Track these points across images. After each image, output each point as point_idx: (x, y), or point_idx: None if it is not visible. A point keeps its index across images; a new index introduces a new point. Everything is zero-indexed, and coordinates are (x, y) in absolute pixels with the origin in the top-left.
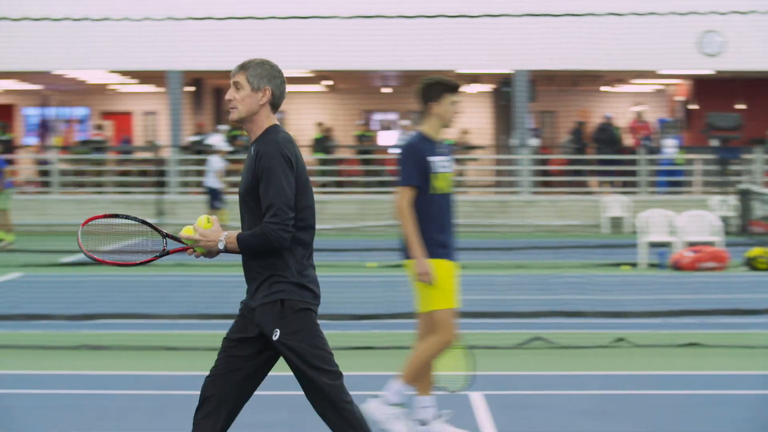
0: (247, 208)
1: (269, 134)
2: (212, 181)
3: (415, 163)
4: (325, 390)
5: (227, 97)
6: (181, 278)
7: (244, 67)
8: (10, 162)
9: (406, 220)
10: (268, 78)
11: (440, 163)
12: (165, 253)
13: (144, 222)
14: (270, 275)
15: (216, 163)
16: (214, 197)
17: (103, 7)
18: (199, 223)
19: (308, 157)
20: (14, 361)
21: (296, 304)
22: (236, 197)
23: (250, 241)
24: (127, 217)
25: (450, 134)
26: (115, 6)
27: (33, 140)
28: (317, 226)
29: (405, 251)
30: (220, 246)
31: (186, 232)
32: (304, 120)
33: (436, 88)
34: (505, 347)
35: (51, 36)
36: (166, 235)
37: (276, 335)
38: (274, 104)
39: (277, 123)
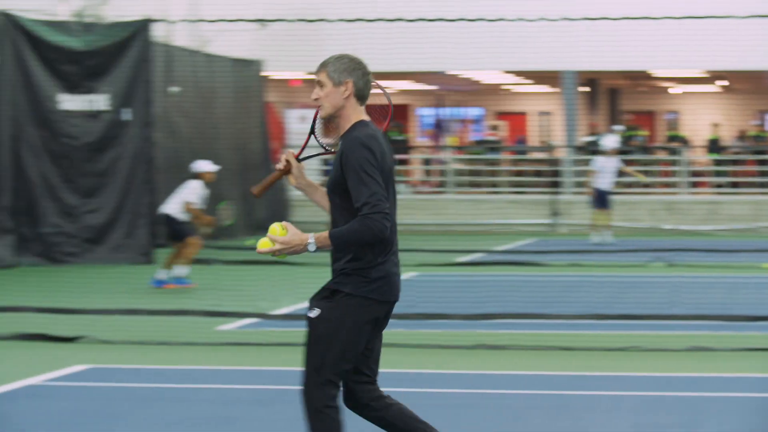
0: (333, 204)
1: (353, 130)
2: (602, 182)
3: None
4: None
5: (313, 96)
6: (576, 278)
7: (324, 65)
8: (404, 162)
9: None
10: (348, 71)
11: None
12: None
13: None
14: (345, 266)
15: (606, 163)
16: (601, 199)
17: (497, 8)
18: (273, 232)
19: (702, 157)
20: (411, 360)
21: (355, 299)
22: (623, 199)
23: (347, 235)
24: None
25: None
26: (509, 7)
27: (426, 140)
28: (711, 227)
29: None
30: (311, 249)
31: (263, 246)
32: (699, 120)
33: None
34: None
35: (445, 36)
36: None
37: (313, 313)
38: (359, 96)
39: (365, 119)
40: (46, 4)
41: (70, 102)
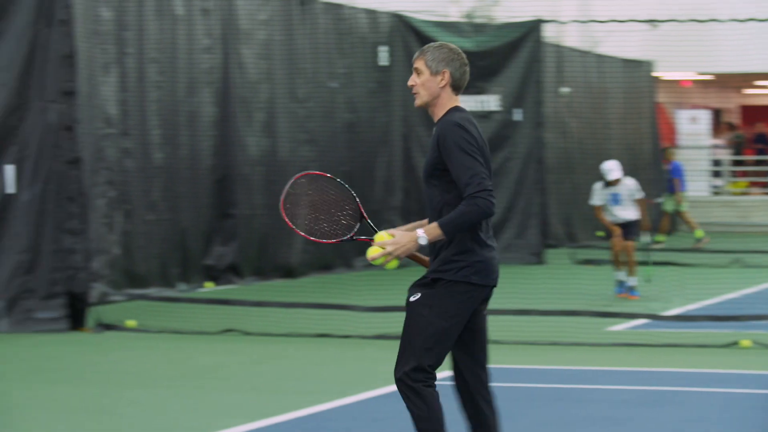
0: (431, 188)
1: (448, 114)
2: None
3: None
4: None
5: (409, 83)
6: None
7: (422, 52)
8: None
9: None
10: (446, 61)
11: None
12: (349, 239)
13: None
14: (444, 254)
15: None
16: None
17: None
18: (380, 238)
19: None
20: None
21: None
22: None
23: (457, 219)
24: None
25: None
26: None
27: None
28: None
29: None
30: (422, 242)
31: (373, 253)
32: None
33: None
34: None
35: None
36: (362, 217)
37: (414, 297)
38: (455, 86)
39: (459, 105)
40: (437, 6)
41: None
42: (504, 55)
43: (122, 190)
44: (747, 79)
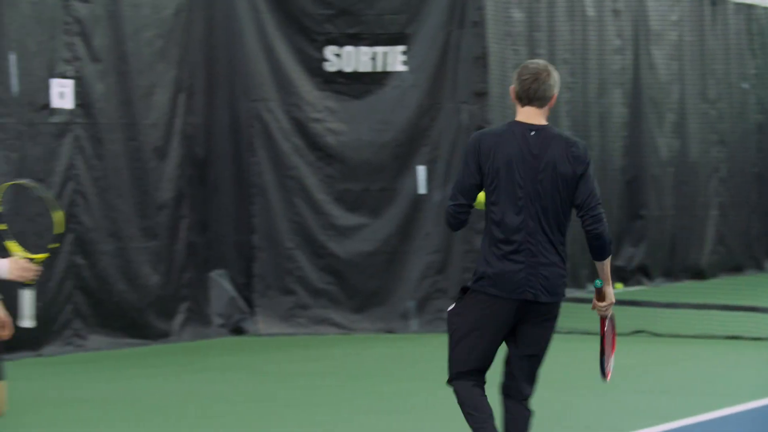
0: None
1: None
2: None
3: None
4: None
5: None
6: None
7: None
8: None
9: None
10: (514, 78)
11: None
12: None
13: None
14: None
15: None
16: None
17: None
18: None
19: None
20: None
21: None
22: None
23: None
24: None
25: None
26: None
27: None
28: None
29: None
30: None
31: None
32: None
33: None
34: None
35: None
36: None
37: (449, 307)
38: (519, 98)
39: (516, 119)
40: None
41: None
42: None
43: None
44: None
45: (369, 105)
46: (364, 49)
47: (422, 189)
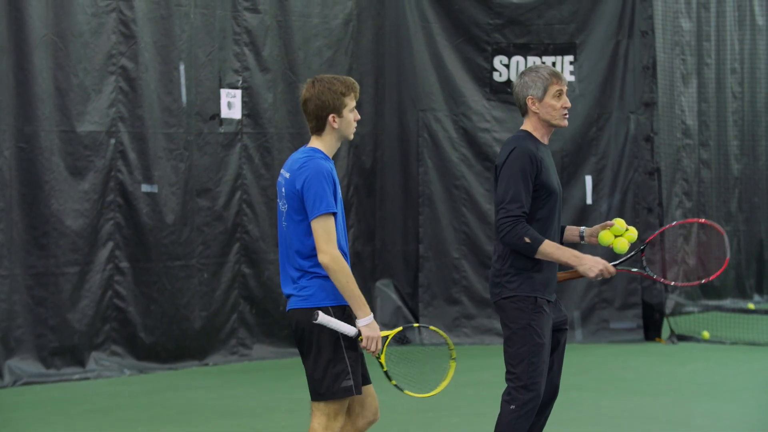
0: None
1: None
2: None
3: None
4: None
5: (569, 104)
6: None
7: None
8: None
9: None
10: None
11: None
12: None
13: None
14: None
15: None
16: None
17: None
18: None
19: None
20: None
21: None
22: None
23: None
24: None
25: None
26: None
27: None
28: None
29: None
30: None
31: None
32: None
33: None
34: None
35: None
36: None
37: None
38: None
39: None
40: None
41: None
42: None
43: (698, 201)
44: None
45: None
46: (532, 59)
47: (589, 199)
